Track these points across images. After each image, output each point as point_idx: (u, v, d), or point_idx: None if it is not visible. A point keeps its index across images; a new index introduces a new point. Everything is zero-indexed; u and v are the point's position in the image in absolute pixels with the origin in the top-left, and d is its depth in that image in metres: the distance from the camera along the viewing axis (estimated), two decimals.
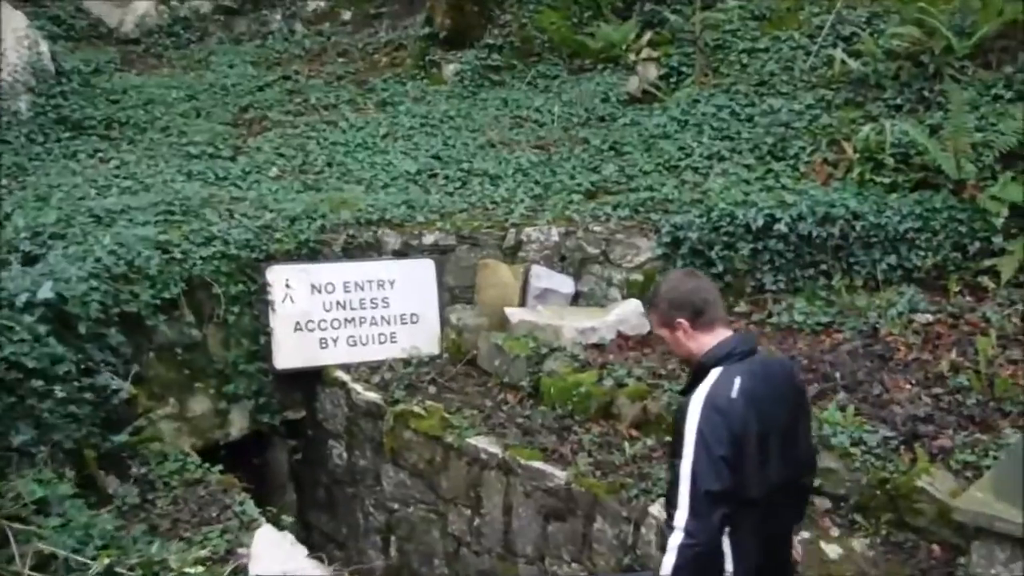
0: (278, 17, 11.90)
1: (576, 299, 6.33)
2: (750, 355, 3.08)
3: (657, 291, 3.24)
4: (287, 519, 5.09)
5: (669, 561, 2.88)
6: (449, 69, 10.02)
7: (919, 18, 7.15)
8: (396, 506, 5.87)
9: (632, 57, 8.92)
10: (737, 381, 2.93)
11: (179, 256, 5.79)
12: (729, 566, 2.95)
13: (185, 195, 6.78)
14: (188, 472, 5.09)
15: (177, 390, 5.77)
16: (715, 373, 2.98)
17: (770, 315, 5.74)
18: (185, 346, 5.79)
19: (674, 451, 2.98)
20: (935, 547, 4.09)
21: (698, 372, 3.06)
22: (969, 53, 6.99)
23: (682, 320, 3.10)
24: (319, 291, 6.24)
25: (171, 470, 5.07)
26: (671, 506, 2.93)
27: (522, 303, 6.24)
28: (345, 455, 6.22)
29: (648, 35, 9.01)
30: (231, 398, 6.01)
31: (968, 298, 5.66)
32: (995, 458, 4.17)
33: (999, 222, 5.75)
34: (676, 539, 2.87)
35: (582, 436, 5.11)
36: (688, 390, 3.05)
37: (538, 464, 4.97)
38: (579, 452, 4.99)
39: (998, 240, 5.77)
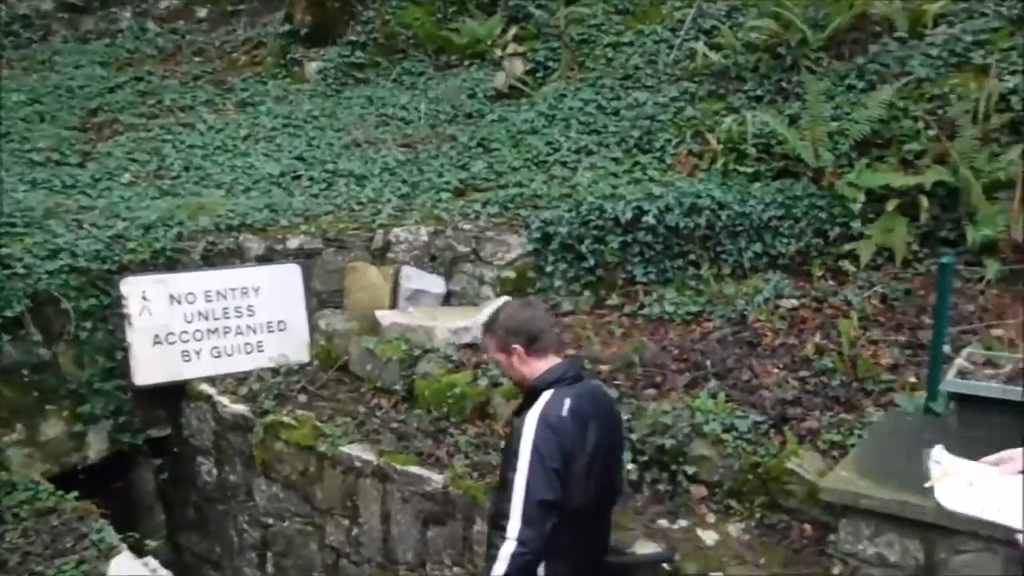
0: (128, 15, 11.48)
1: (448, 299, 6.31)
2: (578, 380, 3.46)
3: (495, 318, 3.57)
4: (153, 543, 4.90)
5: (500, 569, 3.13)
6: (311, 67, 9.85)
7: (775, 11, 7.40)
8: (271, 521, 5.73)
9: (498, 52, 8.96)
10: (567, 402, 3.28)
11: (22, 271, 5.52)
12: (541, 571, 3.26)
13: (28, 205, 6.45)
14: (40, 501, 4.84)
15: (26, 414, 5.49)
16: (547, 394, 3.32)
17: (642, 306, 5.84)
18: (33, 366, 5.51)
19: (507, 466, 3.26)
20: (807, 526, 4.23)
21: (531, 394, 3.38)
22: (823, 45, 7.27)
23: (517, 346, 3.43)
24: (179, 302, 6.02)
25: (20, 500, 4.81)
26: (503, 517, 3.18)
27: (393, 305, 6.17)
28: (215, 471, 6.03)
29: (513, 30, 9.07)
30: (87, 419, 5.75)
31: (830, 282, 5.88)
32: (859, 437, 4.33)
33: (856, 208, 6.00)
34: (509, 548, 3.13)
35: (458, 438, 5.08)
36: (521, 411, 3.35)
37: (414, 469, 4.92)
38: (456, 454, 4.97)
39: (856, 225, 6.03)
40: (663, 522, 4.36)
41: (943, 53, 6.61)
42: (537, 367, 3.42)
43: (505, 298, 5.94)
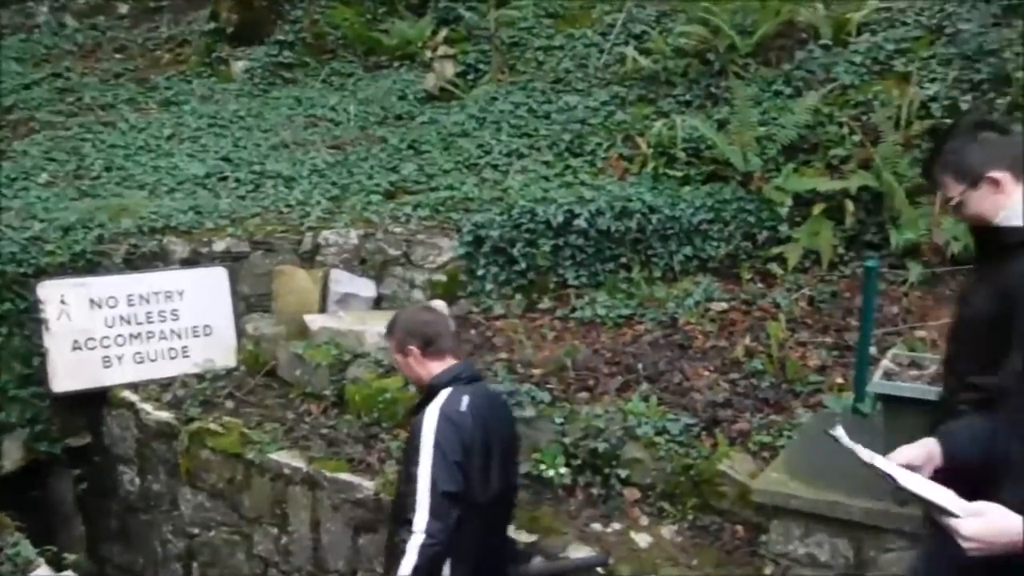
0: (45, 9, 11.11)
1: (379, 302, 6.25)
2: (475, 380, 3.65)
3: (395, 321, 3.76)
4: (72, 556, 4.75)
5: (409, 562, 3.21)
6: (238, 66, 9.68)
7: (704, 17, 7.49)
8: (196, 530, 5.61)
9: (428, 54, 8.92)
10: (465, 399, 3.45)
11: None
12: (447, 571, 3.36)
13: None
14: None
15: None
16: (445, 392, 3.48)
17: (573, 310, 5.85)
18: None
19: (410, 461, 3.38)
20: (739, 528, 4.29)
21: (429, 393, 3.54)
22: (751, 51, 7.37)
23: (413, 347, 3.59)
24: (100, 306, 5.87)
25: None
26: (409, 511, 3.28)
27: (322, 309, 6.09)
28: (137, 480, 5.89)
29: (444, 32, 9.04)
30: (2, 428, 5.60)
31: (759, 285, 5.96)
32: (789, 438, 4.40)
33: (784, 211, 6.10)
34: (417, 540, 3.22)
35: (389, 443, 5.03)
36: (420, 408, 3.51)
37: (345, 476, 4.87)
38: (387, 460, 4.92)
39: (784, 228, 6.12)
40: (597, 525, 4.37)
41: (866, 60, 6.75)
42: (433, 368, 3.59)
43: (437, 301, 5.92)
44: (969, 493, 2.11)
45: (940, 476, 2.20)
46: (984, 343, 2.60)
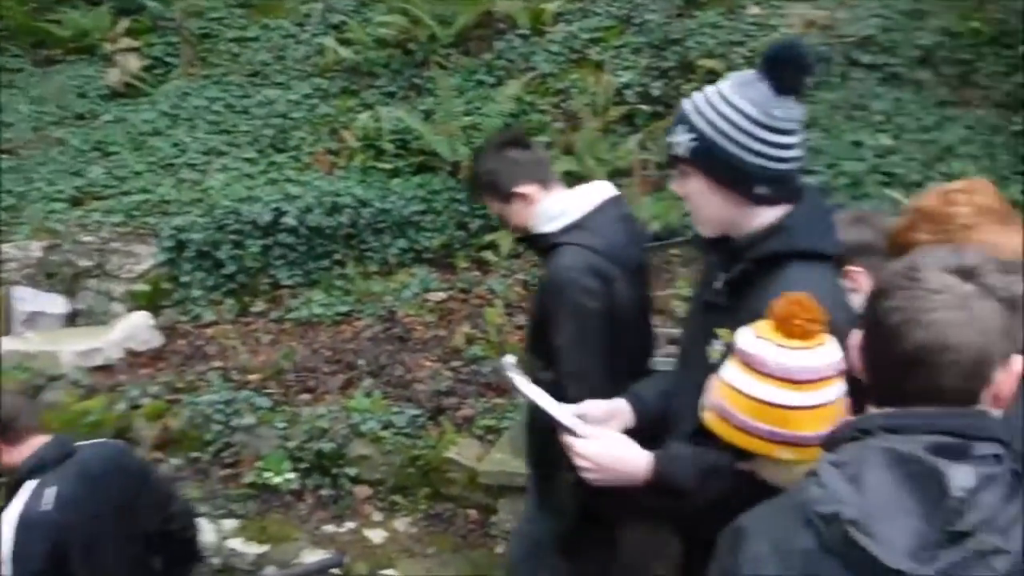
0: None
1: (73, 319, 5.97)
2: (67, 458, 3.22)
3: None
4: None
5: None
6: None
7: (404, 8, 7.69)
8: None
9: (109, 47, 8.52)
10: (49, 492, 3.09)
11: None
12: None
13: None
14: None
15: None
16: (28, 487, 3.11)
17: (289, 311, 5.87)
18: None
19: None
20: (471, 511, 4.53)
21: (14, 486, 3.17)
22: (452, 41, 7.64)
23: None
24: None
25: None
26: None
27: (7, 331, 5.74)
28: None
29: (125, 23, 8.67)
30: None
31: (475, 273, 6.22)
32: (511, 419, 4.68)
33: None
34: None
35: None
36: (7, 505, 3.16)
37: None
38: None
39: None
40: (330, 527, 4.47)
41: (563, 49, 7.21)
42: (17, 454, 3.21)
43: (140, 312, 5.76)
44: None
45: (637, 436, 2.19)
46: (538, 340, 2.92)
